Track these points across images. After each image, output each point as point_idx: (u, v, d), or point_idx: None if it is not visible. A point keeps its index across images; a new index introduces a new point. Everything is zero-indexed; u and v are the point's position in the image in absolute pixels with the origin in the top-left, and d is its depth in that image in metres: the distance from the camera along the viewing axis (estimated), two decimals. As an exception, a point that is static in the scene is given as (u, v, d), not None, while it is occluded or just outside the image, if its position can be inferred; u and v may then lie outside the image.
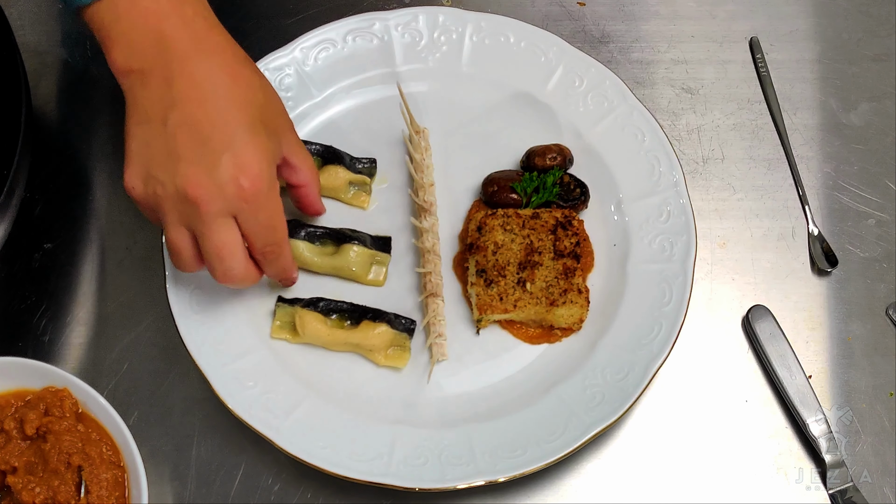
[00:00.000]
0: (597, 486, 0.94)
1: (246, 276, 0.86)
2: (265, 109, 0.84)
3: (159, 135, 0.80)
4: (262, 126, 0.82)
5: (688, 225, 0.99)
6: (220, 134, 0.80)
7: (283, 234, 0.86)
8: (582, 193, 1.02)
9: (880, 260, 1.04)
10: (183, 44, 0.81)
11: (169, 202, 0.81)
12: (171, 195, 0.80)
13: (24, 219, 0.98)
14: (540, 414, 0.92)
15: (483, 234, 0.98)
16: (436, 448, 0.90)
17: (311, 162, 0.93)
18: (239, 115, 0.81)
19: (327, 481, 0.90)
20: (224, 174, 0.79)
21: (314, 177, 0.93)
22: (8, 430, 0.86)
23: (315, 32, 1.07)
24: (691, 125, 1.11)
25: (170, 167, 0.80)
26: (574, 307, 0.95)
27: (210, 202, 0.80)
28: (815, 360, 0.99)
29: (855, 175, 1.08)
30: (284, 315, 0.96)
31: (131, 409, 0.94)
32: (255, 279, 0.87)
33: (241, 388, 0.91)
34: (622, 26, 1.16)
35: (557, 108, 1.06)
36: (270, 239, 0.85)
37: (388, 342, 0.95)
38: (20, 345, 0.97)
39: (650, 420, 0.96)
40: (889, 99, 1.12)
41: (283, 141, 0.87)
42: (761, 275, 1.03)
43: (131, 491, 0.85)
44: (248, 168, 0.80)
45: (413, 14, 1.09)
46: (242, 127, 0.81)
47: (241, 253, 0.84)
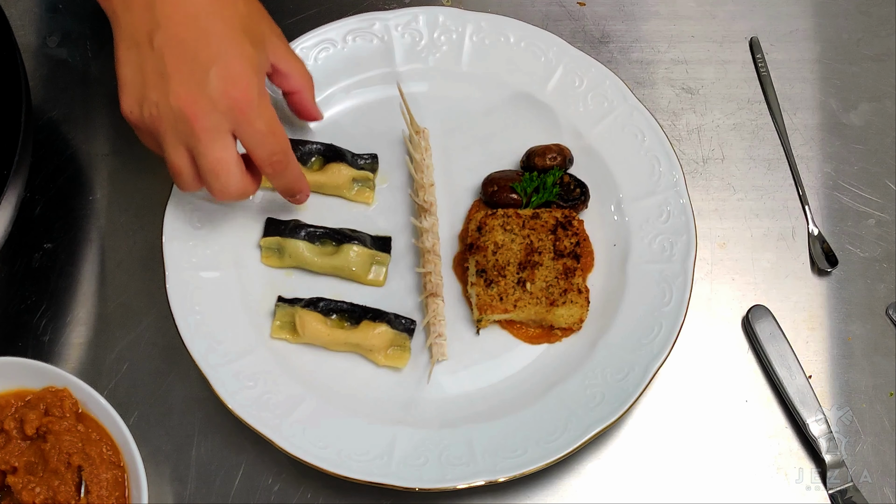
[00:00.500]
0: (597, 486, 0.94)
1: (244, 191, 0.87)
2: (248, 19, 0.86)
3: (148, 57, 0.82)
4: (246, 36, 0.84)
5: (688, 225, 0.99)
6: (206, 49, 0.82)
7: (286, 142, 0.88)
8: (582, 193, 1.02)
9: (880, 260, 1.04)
10: None
11: (165, 122, 0.83)
12: (167, 114, 0.82)
13: (24, 219, 0.98)
14: (540, 414, 0.92)
15: (483, 234, 0.98)
16: (436, 448, 0.90)
17: (302, 67, 0.94)
18: (222, 28, 0.83)
19: (327, 481, 0.90)
20: (214, 88, 0.81)
21: (307, 81, 0.95)
22: (8, 430, 0.86)
23: (315, 32, 1.07)
24: (691, 125, 1.11)
25: (162, 87, 0.82)
26: (574, 307, 0.95)
27: (204, 117, 0.82)
28: (815, 360, 0.99)
29: (855, 175, 1.09)
30: (284, 315, 0.96)
31: (131, 409, 0.94)
32: (252, 191, 0.89)
33: (241, 388, 0.91)
34: (622, 26, 1.16)
35: (557, 108, 1.06)
36: (274, 147, 0.86)
37: (388, 342, 0.95)
38: (20, 345, 0.97)
39: (650, 420, 0.96)
40: (889, 99, 1.12)
41: (270, 48, 0.90)
42: (761, 275, 1.03)
43: (131, 491, 0.85)
44: (237, 79, 0.82)
45: (413, 14, 1.09)
46: (227, 39, 0.83)
47: (236, 168, 0.85)
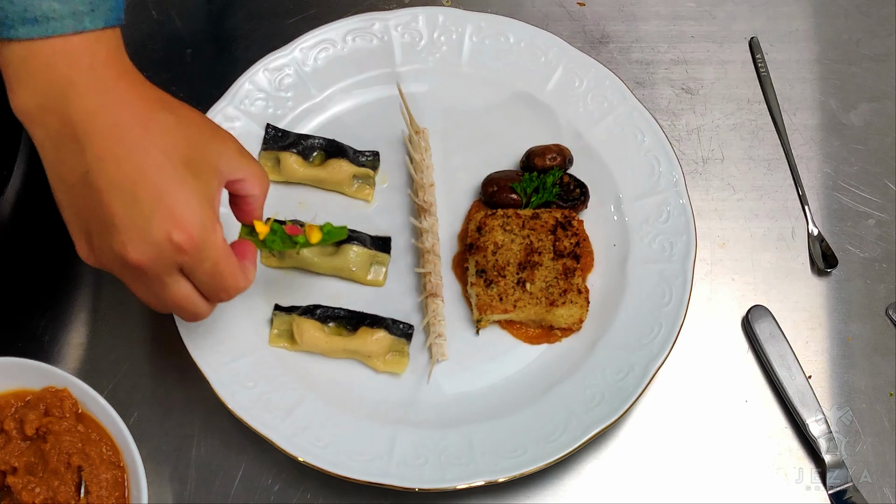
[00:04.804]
0: (597, 486, 0.94)
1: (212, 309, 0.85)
2: (187, 148, 0.79)
3: (86, 201, 0.77)
4: (187, 167, 0.78)
5: (688, 225, 0.99)
6: (145, 191, 0.76)
7: (232, 280, 0.82)
8: (582, 193, 1.02)
9: (880, 260, 1.04)
10: (89, 99, 0.76)
11: (117, 268, 0.79)
12: (116, 262, 0.78)
13: (24, 219, 0.98)
14: (540, 414, 0.92)
15: (483, 235, 0.98)
16: (436, 448, 0.90)
17: (259, 171, 0.86)
18: (160, 164, 0.77)
19: (327, 481, 0.90)
20: (158, 233, 0.76)
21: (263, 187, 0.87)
22: (8, 431, 0.86)
23: (315, 32, 1.07)
24: (691, 125, 1.11)
25: (107, 236, 0.77)
26: (574, 307, 0.95)
27: (151, 265, 0.78)
28: (815, 360, 0.99)
29: (855, 175, 1.09)
30: (282, 323, 0.96)
31: (131, 409, 0.94)
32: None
33: (241, 388, 0.91)
34: (622, 26, 1.16)
35: (557, 108, 1.06)
36: (218, 286, 0.82)
37: (387, 348, 0.95)
38: (20, 345, 0.97)
39: (650, 420, 0.96)
40: (889, 99, 1.12)
41: (223, 163, 0.83)
42: (761, 275, 1.03)
43: (131, 491, 0.85)
44: (180, 221, 0.77)
45: (413, 14, 1.09)
46: (166, 176, 0.77)
47: (197, 298, 0.82)
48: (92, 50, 0.76)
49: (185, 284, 0.81)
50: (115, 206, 0.76)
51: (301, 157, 1.03)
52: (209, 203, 0.79)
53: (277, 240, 0.88)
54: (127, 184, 0.76)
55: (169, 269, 0.79)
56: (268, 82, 1.05)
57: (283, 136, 1.03)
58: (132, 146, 0.76)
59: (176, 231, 0.76)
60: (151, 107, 0.79)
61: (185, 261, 0.78)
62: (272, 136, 1.03)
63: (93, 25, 0.75)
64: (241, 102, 1.04)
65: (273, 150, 1.03)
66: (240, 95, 1.04)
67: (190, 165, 0.78)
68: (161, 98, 0.80)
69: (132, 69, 0.80)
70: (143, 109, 0.78)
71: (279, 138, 1.03)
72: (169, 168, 0.77)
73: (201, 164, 0.80)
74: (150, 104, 0.79)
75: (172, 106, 0.81)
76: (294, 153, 1.03)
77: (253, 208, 0.87)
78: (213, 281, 0.81)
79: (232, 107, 1.03)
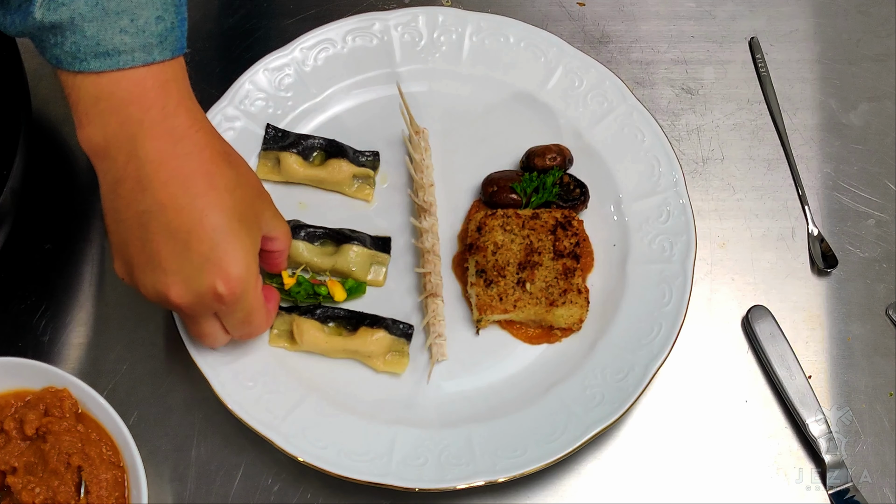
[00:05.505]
0: (597, 486, 0.94)
1: (229, 340, 0.90)
2: (243, 204, 0.82)
3: (137, 238, 0.79)
4: (241, 222, 0.81)
5: (688, 225, 0.99)
6: (199, 242, 0.78)
7: (260, 325, 0.88)
8: (582, 193, 1.02)
9: (880, 260, 1.04)
10: (160, 144, 0.77)
11: (152, 298, 0.82)
12: (152, 294, 0.81)
13: (24, 219, 0.98)
14: (540, 414, 0.92)
15: (483, 235, 0.98)
16: (435, 448, 0.90)
17: (286, 228, 0.90)
18: (217, 218, 0.79)
19: (327, 481, 0.90)
20: (204, 284, 0.79)
21: (288, 243, 0.91)
22: (8, 431, 0.86)
23: (315, 32, 1.07)
24: (691, 125, 1.11)
25: (149, 273, 0.80)
26: (574, 307, 0.95)
27: (189, 308, 0.82)
28: (815, 360, 0.99)
29: (855, 175, 1.09)
30: (282, 323, 0.96)
31: (131, 409, 0.94)
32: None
33: (241, 388, 0.91)
34: (622, 26, 1.16)
35: (557, 108, 1.06)
36: (244, 330, 0.87)
37: (387, 348, 0.95)
38: (20, 345, 0.97)
39: (650, 420, 0.96)
40: (889, 99, 1.12)
41: (263, 221, 0.86)
42: (761, 275, 1.03)
43: (131, 491, 0.85)
44: (228, 274, 0.79)
45: (413, 14, 1.09)
46: (221, 231, 0.79)
47: (221, 334, 0.87)
48: (165, 91, 0.78)
49: (214, 324, 0.86)
50: (167, 252, 0.78)
51: (301, 157, 1.03)
52: (254, 258, 0.83)
53: (302, 291, 0.96)
54: (182, 233, 0.78)
55: (203, 312, 0.83)
56: (268, 82, 1.05)
57: (283, 136, 1.03)
58: (195, 199, 0.78)
59: (221, 283, 0.80)
60: (217, 161, 0.80)
61: (221, 308, 0.83)
62: (272, 136, 1.03)
63: (161, 57, 0.77)
64: (242, 102, 1.04)
65: (273, 150, 1.03)
66: (240, 95, 1.04)
67: (242, 221, 0.81)
68: (225, 151, 0.83)
69: (201, 115, 0.81)
70: (210, 163, 0.80)
71: (279, 138, 1.03)
72: (224, 222, 0.79)
73: (251, 220, 0.83)
74: (217, 157, 0.81)
75: (234, 161, 0.83)
76: (294, 153, 1.03)
77: (280, 262, 0.92)
78: (241, 326, 0.86)
79: (232, 107, 1.03)
